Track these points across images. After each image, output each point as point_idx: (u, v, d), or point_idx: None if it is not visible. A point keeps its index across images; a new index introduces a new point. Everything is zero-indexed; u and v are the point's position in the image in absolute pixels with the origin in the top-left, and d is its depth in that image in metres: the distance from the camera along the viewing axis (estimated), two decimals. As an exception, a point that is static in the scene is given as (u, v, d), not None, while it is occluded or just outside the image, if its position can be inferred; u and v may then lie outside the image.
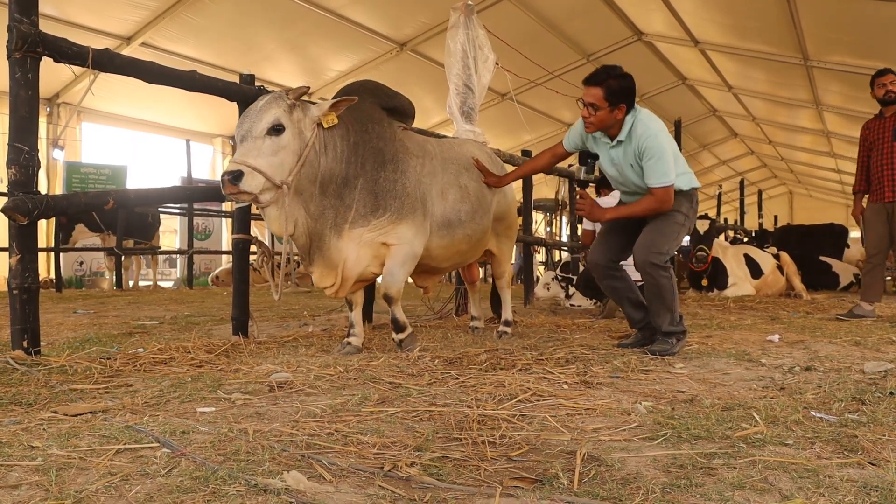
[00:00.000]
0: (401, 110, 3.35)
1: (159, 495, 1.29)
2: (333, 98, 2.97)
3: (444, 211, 3.33)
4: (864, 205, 5.32)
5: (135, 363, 2.71)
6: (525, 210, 6.34)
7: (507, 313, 3.96)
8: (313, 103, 2.96)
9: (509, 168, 4.21)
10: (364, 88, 3.25)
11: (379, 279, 3.37)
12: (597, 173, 3.41)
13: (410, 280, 3.64)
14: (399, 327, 3.17)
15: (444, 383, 2.40)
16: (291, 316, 5.08)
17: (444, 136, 4.19)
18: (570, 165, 6.73)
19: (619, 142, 3.15)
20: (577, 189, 3.25)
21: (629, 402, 2.13)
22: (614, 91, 3.04)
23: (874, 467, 1.48)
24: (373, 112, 3.16)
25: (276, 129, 2.76)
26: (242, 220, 3.71)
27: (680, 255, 7.68)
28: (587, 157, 3.29)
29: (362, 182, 3.01)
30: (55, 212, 2.89)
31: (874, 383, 2.38)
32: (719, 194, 14.28)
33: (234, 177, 2.64)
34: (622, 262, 3.43)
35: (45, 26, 2.72)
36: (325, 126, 2.90)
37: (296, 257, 3.22)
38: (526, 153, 6.42)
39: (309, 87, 2.93)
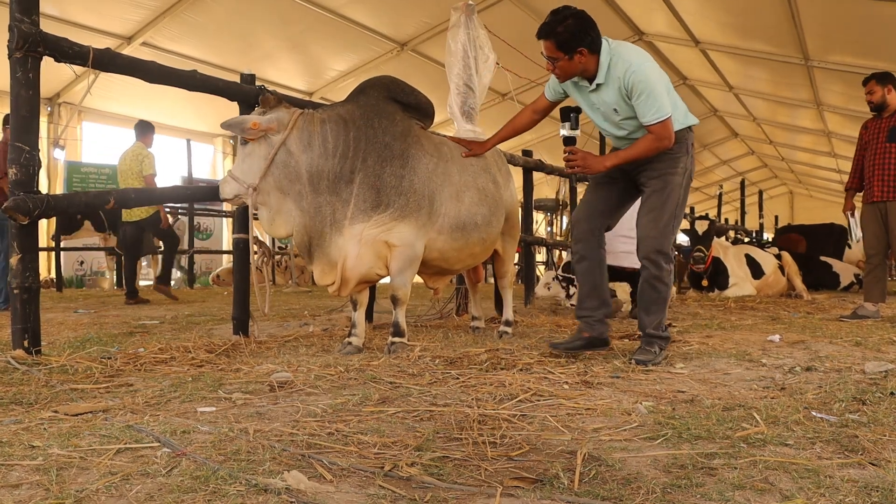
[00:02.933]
0: (417, 108, 3.34)
1: (160, 495, 1.29)
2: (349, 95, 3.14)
3: (458, 213, 3.32)
4: (855, 203, 5.37)
5: (135, 363, 2.71)
6: (525, 210, 6.34)
7: (507, 313, 3.96)
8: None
9: (512, 169, 4.21)
10: (379, 83, 3.28)
11: (382, 281, 3.38)
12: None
13: (419, 280, 3.66)
14: (398, 332, 3.17)
15: (444, 383, 2.40)
16: (292, 316, 5.08)
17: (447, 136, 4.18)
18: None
19: (599, 85, 2.87)
20: (565, 147, 2.99)
21: (630, 402, 2.13)
22: (565, 39, 2.76)
23: (875, 467, 1.48)
24: (384, 106, 3.16)
25: (243, 139, 3.02)
26: (243, 220, 3.71)
27: (681, 256, 7.69)
28: (570, 112, 3.01)
29: (361, 177, 3.01)
30: (56, 212, 2.90)
31: (875, 383, 2.38)
32: (720, 194, 14.27)
33: (220, 188, 3.11)
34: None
35: (46, 26, 2.72)
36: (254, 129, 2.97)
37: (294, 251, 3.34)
38: (527, 153, 6.42)
39: (274, 91, 3.10)
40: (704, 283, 7.57)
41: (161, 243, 7.22)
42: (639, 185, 3.07)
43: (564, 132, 2.98)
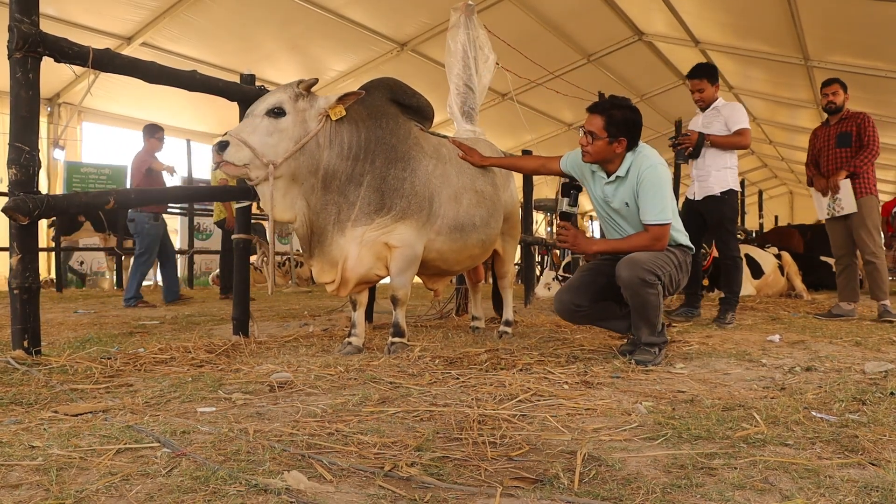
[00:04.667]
0: (419, 110, 3.35)
1: (160, 495, 1.29)
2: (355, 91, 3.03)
3: (457, 215, 3.32)
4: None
5: (135, 363, 2.71)
6: (525, 210, 6.35)
7: (507, 313, 3.96)
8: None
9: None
10: (383, 84, 3.27)
11: (382, 281, 3.38)
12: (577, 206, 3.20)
13: (419, 280, 3.65)
14: (398, 332, 3.17)
15: (444, 383, 2.40)
16: (292, 316, 5.08)
17: (449, 137, 4.18)
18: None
19: (617, 177, 2.95)
20: (559, 221, 3.07)
21: (630, 402, 2.13)
22: (616, 122, 2.85)
23: (875, 467, 1.48)
24: (388, 108, 3.17)
25: (276, 112, 2.85)
26: (243, 220, 3.71)
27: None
28: (570, 189, 3.07)
29: (369, 179, 3.02)
30: (55, 212, 2.89)
31: (875, 383, 2.38)
32: (720, 194, 14.23)
33: (221, 146, 2.78)
34: None
35: (46, 26, 2.72)
36: (334, 118, 2.94)
37: (296, 256, 3.25)
38: (527, 153, 6.42)
39: (317, 80, 2.96)
40: (705, 282, 7.57)
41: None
42: None
43: (563, 208, 3.05)
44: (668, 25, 9.14)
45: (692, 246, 3.11)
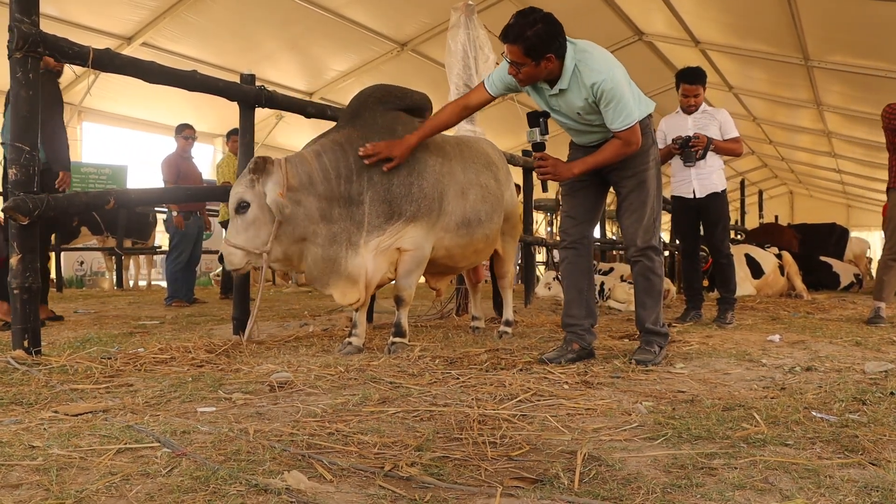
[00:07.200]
0: (415, 107, 3.34)
1: (160, 495, 1.29)
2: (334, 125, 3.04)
3: (464, 211, 3.33)
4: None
5: (135, 363, 2.71)
6: (525, 210, 6.34)
7: (508, 313, 3.96)
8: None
9: (512, 169, 4.20)
10: (371, 98, 3.23)
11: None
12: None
13: (422, 279, 3.66)
14: (400, 332, 3.18)
15: (444, 383, 2.40)
16: (292, 316, 5.07)
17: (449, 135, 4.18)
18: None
19: (561, 90, 2.79)
20: (535, 153, 2.92)
21: (630, 402, 2.13)
22: (534, 45, 2.63)
23: (875, 467, 1.48)
24: (382, 121, 3.14)
25: (242, 207, 2.96)
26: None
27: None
28: (538, 117, 2.89)
29: (370, 195, 3.01)
30: (56, 211, 2.89)
31: (875, 383, 2.38)
32: (720, 194, 14.22)
33: (220, 258, 3.08)
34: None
35: (46, 26, 2.72)
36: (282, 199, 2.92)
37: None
38: (526, 153, 6.41)
39: (268, 158, 2.93)
40: (705, 283, 7.57)
41: None
42: (612, 184, 3.06)
43: (534, 139, 2.89)
44: (668, 25, 9.13)
45: (653, 105, 2.98)
